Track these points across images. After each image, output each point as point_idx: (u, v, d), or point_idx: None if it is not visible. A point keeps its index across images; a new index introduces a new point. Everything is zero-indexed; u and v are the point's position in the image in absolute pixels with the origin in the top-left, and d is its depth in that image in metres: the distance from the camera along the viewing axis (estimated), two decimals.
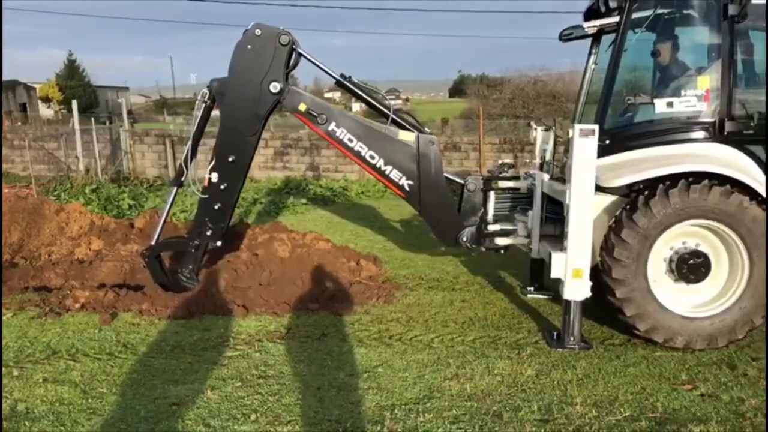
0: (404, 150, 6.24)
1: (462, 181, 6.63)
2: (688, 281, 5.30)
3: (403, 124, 6.44)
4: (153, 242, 6.60)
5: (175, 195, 6.72)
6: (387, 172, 6.25)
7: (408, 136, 6.26)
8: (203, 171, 6.51)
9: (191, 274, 6.55)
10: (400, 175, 6.25)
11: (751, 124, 5.44)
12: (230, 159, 6.24)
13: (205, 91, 6.34)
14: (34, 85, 57.84)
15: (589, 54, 6.69)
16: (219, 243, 6.53)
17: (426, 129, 6.58)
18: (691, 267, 5.25)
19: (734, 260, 5.26)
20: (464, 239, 6.52)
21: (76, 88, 56.97)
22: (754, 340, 5.34)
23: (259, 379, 4.67)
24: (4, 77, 56.36)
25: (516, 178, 6.93)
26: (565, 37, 6.45)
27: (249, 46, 6.05)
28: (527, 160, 13.23)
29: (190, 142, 6.45)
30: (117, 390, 4.51)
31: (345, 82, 6.36)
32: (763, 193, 5.14)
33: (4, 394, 4.41)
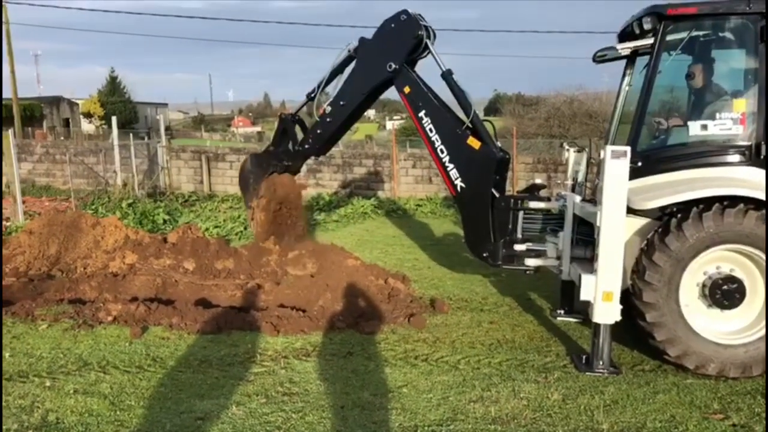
0: (468, 154, 6.69)
1: (497, 195, 6.68)
2: (722, 307, 5.17)
3: (478, 130, 6.76)
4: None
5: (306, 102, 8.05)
6: (448, 169, 6.79)
7: (474, 143, 6.64)
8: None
9: (279, 159, 8.04)
10: (458, 175, 6.74)
11: None
12: (341, 102, 7.45)
13: (356, 43, 7.34)
14: (77, 101, 59.47)
15: (623, 75, 6.65)
16: (313, 158, 8.45)
17: (498, 143, 6.89)
18: (725, 292, 5.13)
19: None
20: (485, 254, 6.71)
21: (117, 104, 58.42)
22: None
23: (283, 396, 4.70)
24: (50, 93, 58.07)
25: (547, 198, 6.91)
26: (599, 58, 6.44)
27: (392, 25, 7.00)
28: (559, 181, 13.12)
29: (326, 78, 7.62)
30: (144, 403, 4.57)
31: (448, 78, 6.89)
32: None
33: (35, 404, 4.51)
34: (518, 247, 6.69)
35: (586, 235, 6.13)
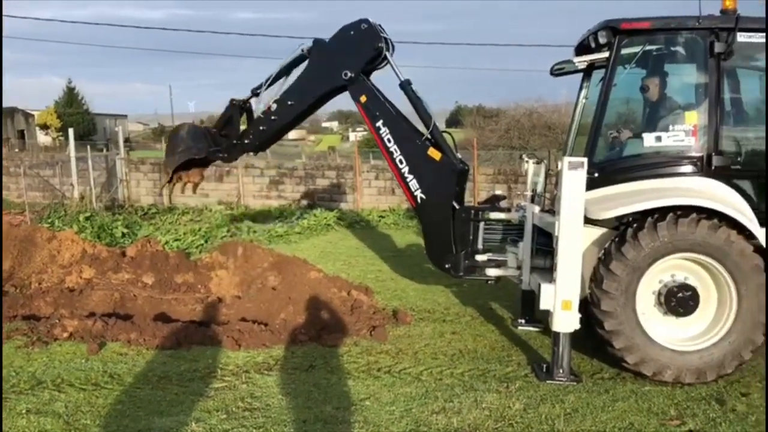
0: (429, 165, 6.62)
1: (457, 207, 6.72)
2: (677, 314, 5.29)
3: (438, 142, 6.72)
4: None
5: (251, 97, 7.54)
6: (408, 180, 6.70)
7: (435, 154, 6.59)
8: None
9: (218, 146, 7.47)
10: (418, 186, 6.65)
11: (739, 159, 5.51)
12: (290, 102, 7.05)
13: (309, 44, 6.98)
14: (33, 113, 58.04)
15: (580, 88, 6.78)
16: (252, 153, 7.96)
17: (458, 154, 6.86)
18: (679, 300, 5.25)
19: (723, 294, 5.25)
20: (447, 266, 6.67)
21: (74, 116, 57.20)
22: (743, 375, 5.33)
23: (244, 411, 4.63)
24: (4, 104, 56.65)
25: (507, 209, 6.98)
26: (557, 71, 6.56)
27: (351, 32, 6.76)
28: (519, 192, 13.29)
29: (274, 74, 7.24)
30: (101, 422, 4.46)
31: (406, 88, 6.79)
32: (750, 228, 5.16)
33: None
34: (479, 258, 6.74)
35: (545, 245, 6.21)
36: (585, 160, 5.18)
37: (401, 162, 6.70)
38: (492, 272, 6.74)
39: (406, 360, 5.79)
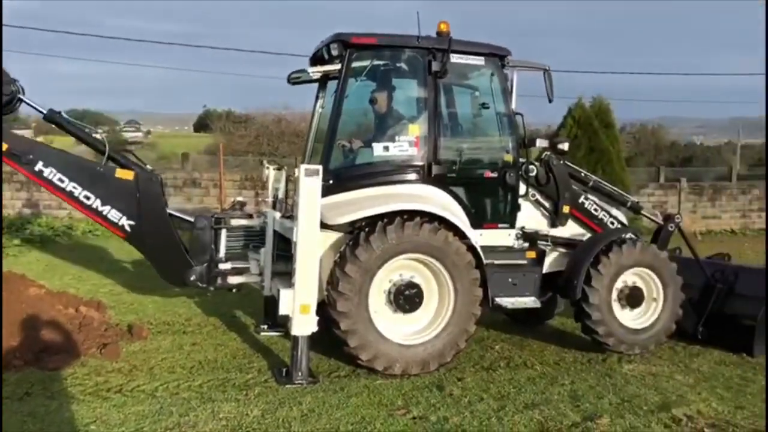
0: (122, 188, 5.93)
1: (191, 219, 6.47)
2: (405, 311, 5.71)
3: (122, 161, 6.16)
4: None
5: None
6: (105, 213, 5.89)
7: (126, 174, 5.98)
8: None
9: None
10: (120, 215, 5.92)
11: (454, 168, 6.13)
12: None
13: None
14: None
15: (317, 97, 7.01)
16: None
17: (147, 166, 6.35)
18: (406, 297, 5.67)
19: (442, 290, 5.78)
20: (192, 278, 6.29)
21: None
22: (459, 362, 5.93)
23: None
24: None
25: (249, 216, 6.95)
26: (293, 80, 6.72)
27: None
28: (262, 199, 13.38)
29: None
30: None
31: (55, 118, 5.94)
32: (464, 229, 5.77)
33: None
34: (222, 266, 6.58)
35: (286, 250, 6.29)
36: (320, 167, 5.36)
37: (87, 198, 5.85)
38: (234, 280, 6.63)
39: (140, 377, 5.46)
